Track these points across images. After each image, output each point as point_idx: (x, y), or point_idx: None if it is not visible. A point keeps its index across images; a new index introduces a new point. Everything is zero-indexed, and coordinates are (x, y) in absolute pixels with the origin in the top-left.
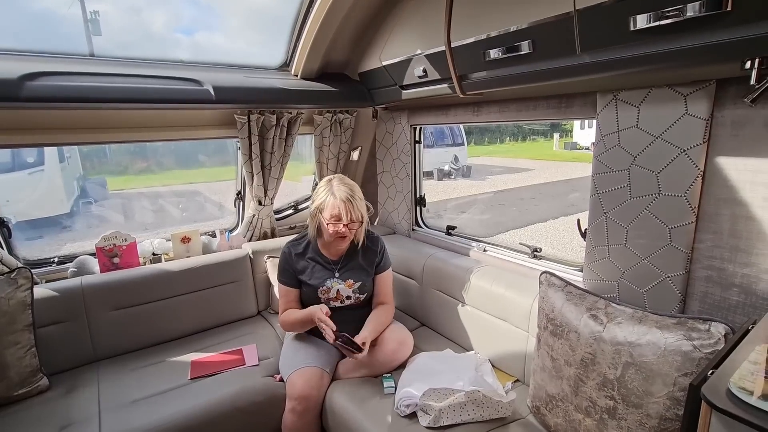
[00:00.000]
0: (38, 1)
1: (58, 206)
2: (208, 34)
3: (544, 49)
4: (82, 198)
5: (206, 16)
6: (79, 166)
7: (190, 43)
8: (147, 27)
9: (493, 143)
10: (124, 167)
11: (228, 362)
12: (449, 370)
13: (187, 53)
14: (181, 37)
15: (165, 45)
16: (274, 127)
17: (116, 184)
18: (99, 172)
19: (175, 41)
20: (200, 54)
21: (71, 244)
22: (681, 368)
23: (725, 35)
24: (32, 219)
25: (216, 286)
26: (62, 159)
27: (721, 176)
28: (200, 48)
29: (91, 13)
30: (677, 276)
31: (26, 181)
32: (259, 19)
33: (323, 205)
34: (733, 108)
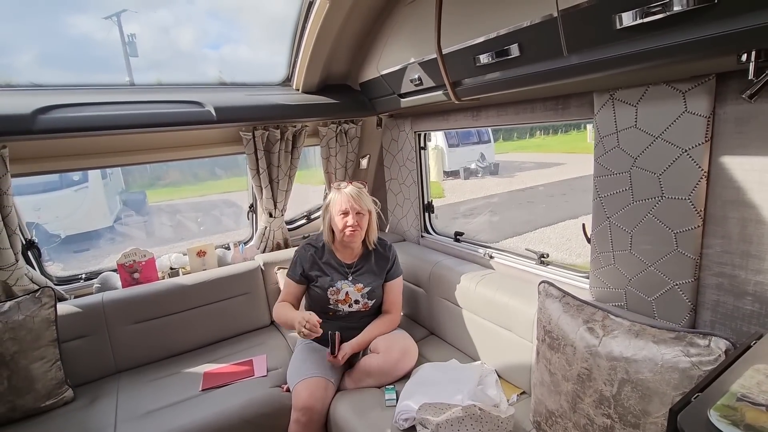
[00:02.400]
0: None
1: (102, 220)
2: (233, 46)
3: (532, 52)
4: (124, 211)
5: (229, 30)
6: (121, 181)
7: (217, 57)
8: (176, 45)
9: (522, 138)
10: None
11: (238, 373)
12: (450, 382)
13: (216, 67)
14: (208, 52)
15: (195, 61)
16: (279, 141)
17: (155, 196)
18: (140, 185)
19: (203, 56)
20: (227, 67)
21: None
22: (678, 386)
23: (716, 29)
24: (80, 232)
25: (229, 298)
26: (104, 176)
27: (726, 177)
28: (226, 62)
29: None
30: (686, 284)
31: (72, 197)
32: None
33: (332, 202)
34: (735, 104)
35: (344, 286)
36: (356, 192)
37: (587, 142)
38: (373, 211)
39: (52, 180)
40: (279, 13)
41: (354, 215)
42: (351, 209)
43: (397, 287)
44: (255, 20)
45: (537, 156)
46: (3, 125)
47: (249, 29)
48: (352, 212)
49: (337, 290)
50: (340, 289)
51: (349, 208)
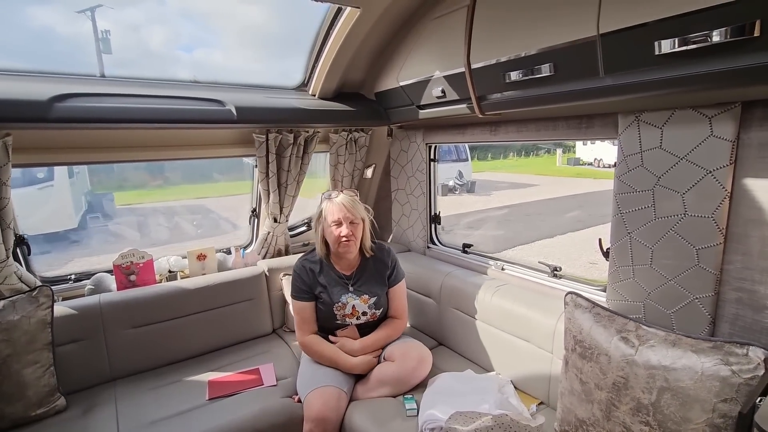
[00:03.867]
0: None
1: (66, 221)
2: (207, 51)
3: (566, 72)
4: (89, 213)
5: (203, 33)
6: (86, 181)
7: (189, 60)
8: (146, 44)
9: (496, 158)
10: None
11: (246, 382)
12: (473, 392)
13: (187, 70)
14: (181, 54)
15: (165, 62)
16: (291, 145)
17: (123, 198)
18: (106, 187)
19: (175, 58)
20: (199, 70)
21: (79, 260)
22: (720, 394)
23: (752, 60)
24: (42, 234)
25: (231, 304)
26: (71, 174)
27: (749, 197)
28: (199, 65)
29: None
30: (706, 297)
31: (36, 196)
32: (254, 38)
33: (323, 213)
34: (759, 130)
35: (350, 300)
36: (349, 200)
37: (557, 165)
38: (367, 219)
39: (14, 177)
40: (255, 21)
41: (348, 225)
42: (344, 219)
43: (401, 292)
44: (230, 26)
45: (511, 176)
46: (16, 111)
47: (223, 34)
48: (345, 222)
49: (342, 305)
50: (346, 303)
51: (342, 218)
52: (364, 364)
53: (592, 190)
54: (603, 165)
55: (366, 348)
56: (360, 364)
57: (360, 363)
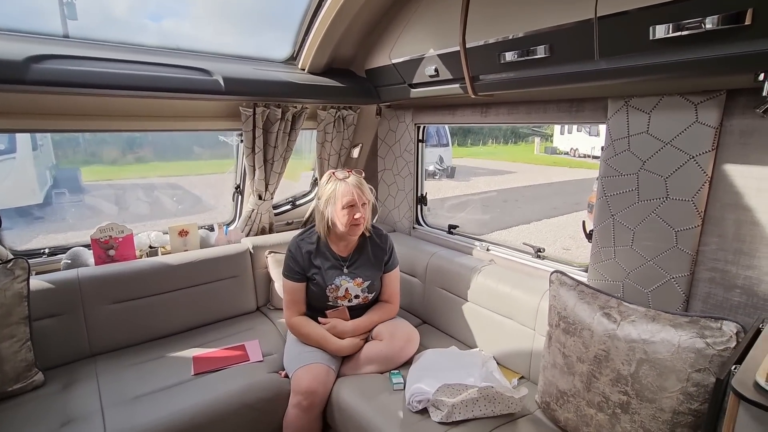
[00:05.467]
0: None
1: (30, 196)
2: (176, 20)
3: (562, 54)
4: (55, 188)
5: (171, 2)
6: (51, 155)
7: (156, 29)
8: (110, 11)
9: (476, 145)
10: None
11: (232, 358)
12: (458, 367)
13: (155, 40)
14: (148, 23)
15: (131, 31)
16: (279, 120)
17: (91, 174)
18: (72, 162)
19: (141, 27)
20: (168, 41)
21: (45, 237)
22: (695, 364)
23: (742, 48)
24: (2, 209)
25: (215, 281)
26: (35, 147)
27: (727, 182)
28: (168, 36)
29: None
30: (682, 277)
31: None
32: (226, 9)
33: (334, 194)
34: (741, 117)
35: (343, 282)
36: (359, 182)
37: (534, 154)
38: (372, 199)
39: None
40: None
41: (360, 207)
42: (358, 200)
43: (395, 278)
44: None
45: (489, 163)
46: None
47: (193, 4)
48: (358, 204)
49: (336, 287)
50: (339, 285)
51: (356, 200)
52: (352, 346)
53: (567, 179)
54: (578, 155)
55: (357, 330)
56: (348, 346)
57: (348, 345)
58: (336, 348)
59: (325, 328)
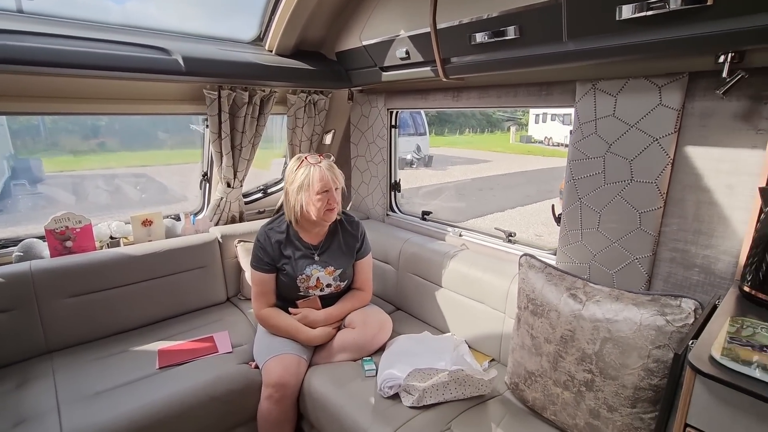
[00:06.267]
0: None
1: None
2: (140, 2)
3: (531, 35)
4: (13, 179)
5: None
6: (9, 144)
7: (120, 11)
8: None
9: (453, 134)
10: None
11: (199, 350)
12: (429, 352)
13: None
14: (110, 5)
15: (90, 11)
16: (246, 104)
17: (54, 165)
18: (32, 152)
19: (103, 9)
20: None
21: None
22: (655, 341)
23: (704, 29)
24: None
25: (182, 272)
26: None
27: (688, 164)
28: (132, 18)
29: None
30: (645, 258)
31: None
32: None
33: (308, 180)
34: (702, 100)
35: (314, 272)
36: (331, 166)
37: (510, 143)
38: (343, 185)
39: None
40: None
41: (334, 193)
42: (332, 186)
43: (367, 265)
44: None
45: (466, 152)
46: None
47: None
48: (332, 190)
49: (307, 277)
50: (311, 275)
51: (331, 185)
52: (324, 335)
53: (541, 167)
54: (552, 143)
55: (330, 318)
56: (320, 335)
57: (320, 335)
58: (308, 338)
59: (296, 318)
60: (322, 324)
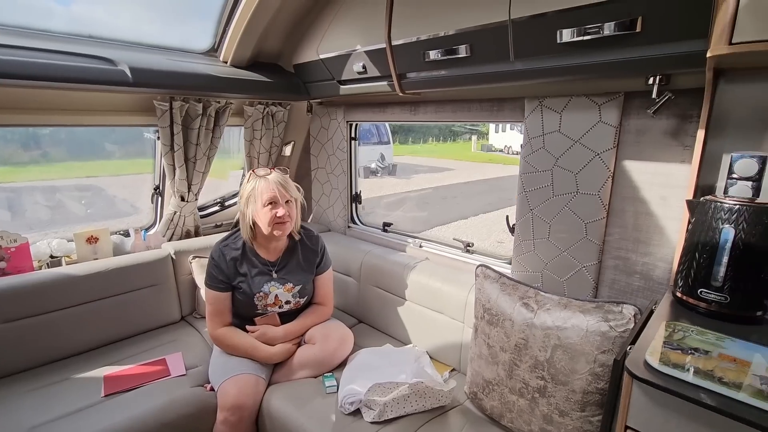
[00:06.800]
0: None
1: None
2: (88, 5)
3: (481, 54)
4: None
5: None
6: None
7: (66, 14)
8: None
9: (417, 143)
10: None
11: (150, 374)
12: (390, 365)
13: (64, 26)
14: (55, 6)
15: (32, 14)
16: (201, 116)
17: None
18: None
19: (47, 10)
20: (79, 28)
21: None
22: (600, 346)
23: (635, 53)
24: None
25: (131, 291)
26: None
27: (626, 177)
28: (79, 22)
29: None
30: (591, 266)
31: None
32: None
33: (254, 192)
34: (636, 118)
35: (272, 289)
36: (283, 178)
37: (472, 151)
38: (299, 198)
39: None
40: None
41: (284, 204)
42: (280, 197)
43: (328, 280)
44: None
45: (429, 160)
46: None
47: None
48: (281, 201)
49: (264, 295)
50: (268, 293)
51: (278, 197)
52: (284, 352)
53: (501, 175)
54: (512, 152)
55: (289, 335)
56: (279, 353)
57: (279, 352)
58: (266, 356)
59: (254, 335)
60: (282, 341)
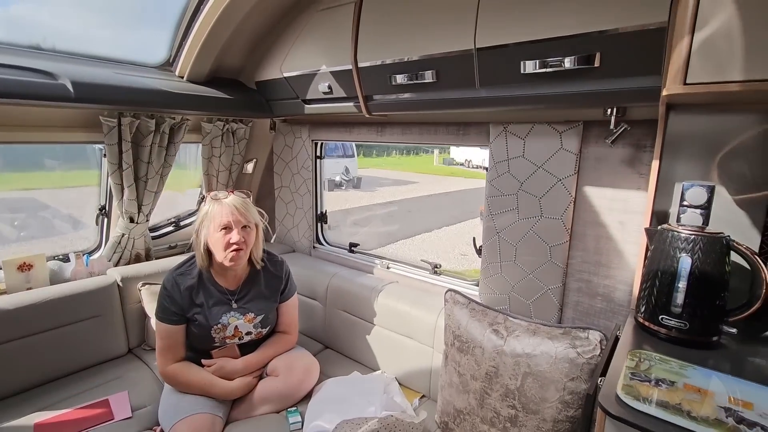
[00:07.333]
0: None
1: None
2: (30, 7)
3: (447, 80)
4: None
5: None
6: None
7: (3, 16)
8: None
9: (381, 156)
10: None
11: (89, 419)
12: (359, 395)
13: (2, 30)
14: None
15: None
16: (153, 133)
17: None
18: None
19: None
20: (19, 33)
21: None
22: (569, 374)
23: (593, 86)
24: None
25: (71, 324)
26: None
27: (587, 202)
28: (19, 26)
29: None
30: (556, 288)
31: None
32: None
33: (208, 216)
34: (595, 146)
35: (231, 320)
36: (241, 202)
37: (434, 165)
38: (260, 224)
39: None
40: None
41: (239, 230)
42: (235, 223)
43: (293, 307)
44: None
45: (393, 173)
46: None
47: None
48: (236, 227)
49: (223, 327)
50: (227, 324)
51: (233, 222)
52: (244, 387)
53: (463, 188)
54: (472, 165)
55: (249, 367)
56: (239, 387)
57: (239, 386)
58: (224, 392)
59: (210, 370)
60: (241, 374)
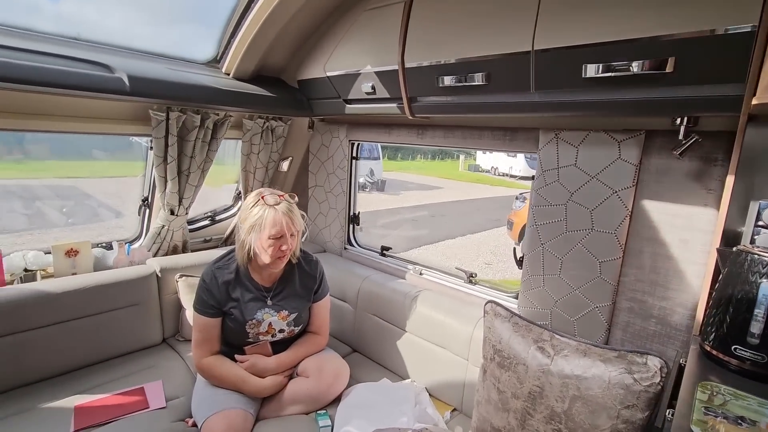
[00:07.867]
0: None
1: None
2: (78, 3)
3: (499, 83)
4: None
5: None
6: None
7: (54, 12)
8: None
9: (405, 159)
10: None
11: (126, 405)
12: (389, 403)
13: (51, 26)
14: (43, 4)
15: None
16: (198, 128)
17: None
18: None
19: (34, 7)
20: (67, 28)
21: None
22: (624, 401)
23: (663, 93)
24: None
25: (111, 311)
26: None
27: (645, 217)
28: (67, 21)
29: None
30: (604, 306)
31: None
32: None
33: (260, 222)
34: (657, 157)
35: (266, 317)
36: (291, 209)
37: (459, 170)
38: (302, 228)
39: None
40: None
41: (289, 237)
42: (287, 231)
43: (325, 308)
44: None
45: (418, 177)
46: None
47: None
48: (287, 236)
49: (257, 322)
50: (262, 320)
51: (285, 231)
52: (275, 385)
53: (488, 196)
54: (498, 173)
55: (281, 366)
56: (270, 386)
57: (270, 385)
58: (256, 389)
59: (243, 366)
60: (273, 372)
